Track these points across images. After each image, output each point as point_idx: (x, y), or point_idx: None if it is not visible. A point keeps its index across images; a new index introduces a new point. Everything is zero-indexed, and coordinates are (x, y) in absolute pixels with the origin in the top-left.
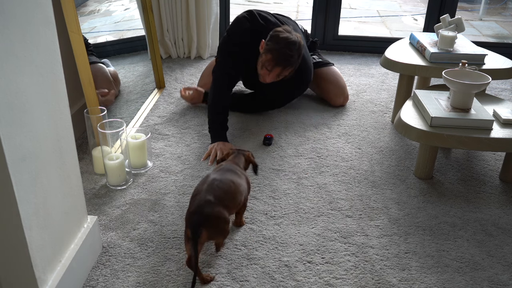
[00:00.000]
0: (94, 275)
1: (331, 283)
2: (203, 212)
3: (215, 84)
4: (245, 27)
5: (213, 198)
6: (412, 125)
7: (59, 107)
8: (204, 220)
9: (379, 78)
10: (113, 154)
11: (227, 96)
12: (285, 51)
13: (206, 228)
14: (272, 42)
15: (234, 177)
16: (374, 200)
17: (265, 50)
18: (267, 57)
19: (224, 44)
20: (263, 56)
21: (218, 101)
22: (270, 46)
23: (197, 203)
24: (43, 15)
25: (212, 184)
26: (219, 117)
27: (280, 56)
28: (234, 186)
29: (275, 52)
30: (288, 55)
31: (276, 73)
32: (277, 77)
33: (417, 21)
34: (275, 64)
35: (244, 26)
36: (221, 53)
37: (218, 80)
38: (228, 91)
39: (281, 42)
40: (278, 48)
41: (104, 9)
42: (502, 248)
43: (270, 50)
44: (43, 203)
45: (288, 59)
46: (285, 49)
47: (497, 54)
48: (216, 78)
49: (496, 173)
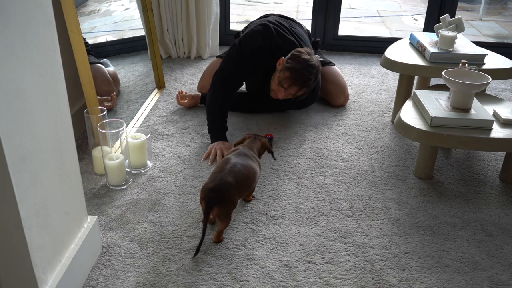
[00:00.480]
0: (94, 275)
1: (331, 283)
2: (221, 191)
3: (214, 88)
4: (258, 44)
5: (234, 181)
6: (412, 125)
7: (59, 107)
8: (220, 199)
9: (379, 78)
10: (113, 154)
11: (225, 100)
12: (304, 72)
13: (219, 207)
14: (293, 61)
15: (252, 164)
16: (374, 200)
17: (284, 67)
18: (285, 74)
19: (232, 52)
20: (281, 73)
21: (216, 105)
22: (290, 65)
23: (219, 181)
24: (43, 15)
25: (235, 166)
26: (217, 119)
27: (299, 77)
28: (252, 172)
29: (295, 71)
30: (306, 76)
31: (291, 92)
32: (290, 95)
33: (417, 21)
34: (292, 83)
35: (257, 42)
36: (227, 60)
37: (217, 84)
38: (226, 95)
39: (302, 63)
40: (299, 68)
41: (104, 9)
42: (502, 248)
43: (290, 68)
44: (43, 203)
45: (306, 81)
46: (305, 71)
47: (497, 54)
48: (215, 82)
49: (496, 173)
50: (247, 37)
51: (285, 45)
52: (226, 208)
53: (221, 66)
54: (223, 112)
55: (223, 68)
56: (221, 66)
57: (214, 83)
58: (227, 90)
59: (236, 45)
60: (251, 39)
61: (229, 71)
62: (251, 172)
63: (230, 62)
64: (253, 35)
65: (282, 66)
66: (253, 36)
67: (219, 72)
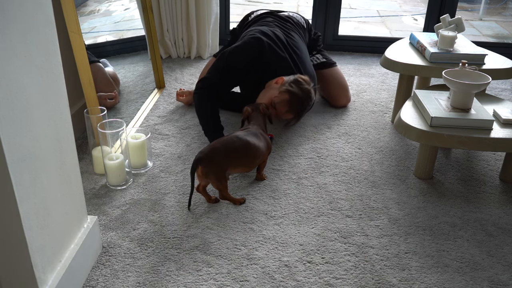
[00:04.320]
0: (94, 275)
1: (331, 283)
2: (207, 153)
3: (197, 96)
4: (247, 60)
5: (223, 148)
6: (412, 125)
7: (59, 107)
8: (203, 159)
9: (379, 78)
10: (113, 154)
11: (210, 107)
12: (303, 102)
13: (202, 166)
14: (296, 87)
15: (254, 140)
16: (374, 200)
17: (285, 90)
18: (284, 96)
19: (219, 63)
20: (279, 94)
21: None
22: (292, 89)
23: (208, 147)
24: (43, 16)
25: (231, 138)
26: (209, 123)
27: (298, 104)
28: (249, 147)
29: (296, 98)
30: (303, 107)
31: (280, 114)
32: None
33: (417, 21)
34: (288, 107)
35: (246, 58)
36: (214, 69)
37: (202, 91)
38: (210, 101)
39: (305, 92)
40: (301, 96)
41: (104, 9)
42: (502, 248)
43: (291, 93)
44: (43, 203)
45: (301, 110)
46: (305, 101)
47: (497, 54)
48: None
49: (496, 173)
50: (238, 50)
51: (277, 62)
52: (209, 167)
53: (207, 75)
54: (213, 116)
55: (209, 77)
56: (207, 74)
57: (197, 89)
58: (210, 98)
59: (224, 56)
60: (241, 53)
61: (212, 82)
62: (246, 145)
63: (216, 73)
64: (244, 51)
65: (282, 87)
66: (243, 52)
67: (204, 80)
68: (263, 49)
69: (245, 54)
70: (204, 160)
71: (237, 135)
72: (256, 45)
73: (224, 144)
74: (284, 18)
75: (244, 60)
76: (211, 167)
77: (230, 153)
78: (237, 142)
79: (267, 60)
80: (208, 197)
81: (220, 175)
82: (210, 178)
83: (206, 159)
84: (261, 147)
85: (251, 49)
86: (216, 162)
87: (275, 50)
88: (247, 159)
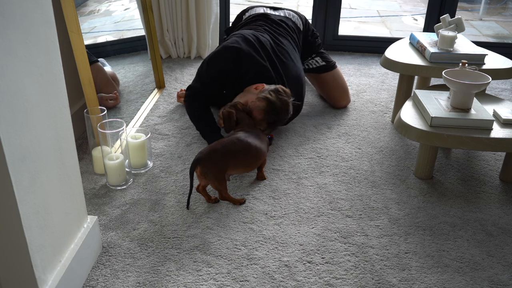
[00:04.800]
0: (94, 275)
1: (331, 283)
2: (206, 154)
3: (187, 103)
4: (226, 68)
5: (223, 149)
6: (412, 125)
7: (59, 107)
8: (201, 159)
9: (379, 78)
10: (113, 154)
11: (201, 112)
12: (280, 113)
13: (200, 166)
14: (275, 96)
15: (255, 141)
16: (374, 200)
17: (263, 97)
18: (261, 103)
19: (200, 71)
20: (255, 100)
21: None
22: (271, 97)
23: (208, 148)
24: (43, 16)
25: (231, 139)
26: (204, 127)
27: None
28: (250, 148)
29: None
30: (279, 118)
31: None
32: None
33: (417, 21)
34: (263, 116)
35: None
36: (196, 77)
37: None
38: (200, 107)
39: (283, 103)
40: (278, 105)
41: (104, 9)
42: (502, 248)
43: (269, 101)
44: (43, 203)
45: (275, 121)
46: (282, 112)
47: (497, 54)
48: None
49: (496, 173)
50: (216, 57)
51: (255, 69)
52: (208, 168)
53: (191, 83)
54: (206, 120)
55: (192, 85)
56: (191, 83)
57: (186, 97)
58: (199, 104)
59: (204, 64)
60: (219, 60)
61: (196, 90)
62: (247, 147)
63: (198, 81)
64: (221, 56)
65: (261, 94)
66: (221, 58)
67: (189, 88)
68: (241, 55)
69: (222, 60)
70: (203, 161)
71: (238, 136)
72: (233, 52)
73: (224, 145)
74: (276, 22)
75: (222, 66)
76: (210, 168)
77: (229, 154)
78: (238, 144)
79: (245, 66)
80: (208, 197)
81: (219, 176)
82: (208, 178)
83: (205, 160)
84: (263, 148)
85: (229, 55)
86: (214, 163)
87: (254, 57)
88: (248, 160)
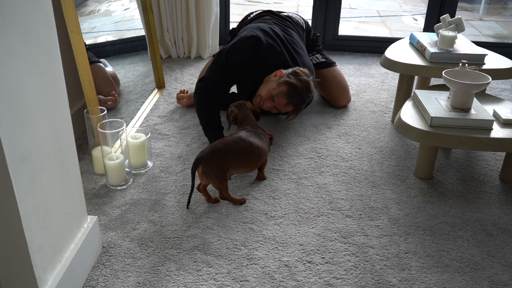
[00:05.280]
0: (94, 275)
1: (331, 283)
2: (207, 153)
3: (197, 95)
4: (245, 57)
5: (225, 148)
6: (412, 125)
7: (59, 107)
8: (203, 159)
9: (379, 78)
10: (113, 154)
11: (210, 106)
12: (301, 93)
13: (202, 165)
14: (294, 78)
15: (257, 141)
16: (374, 200)
17: (283, 81)
18: (282, 88)
19: (218, 61)
20: (277, 86)
21: (203, 112)
22: (290, 80)
23: (210, 147)
24: (43, 16)
25: (233, 139)
26: (209, 123)
27: (296, 95)
28: (251, 148)
29: (294, 88)
30: (302, 98)
31: (279, 106)
32: (275, 110)
33: (417, 21)
34: (288, 100)
35: (244, 54)
36: (213, 67)
37: (201, 90)
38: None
39: (304, 83)
40: (299, 86)
41: (104, 9)
42: (502, 248)
43: (289, 84)
44: (43, 203)
45: (300, 102)
46: (303, 92)
47: (497, 54)
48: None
49: (496, 173)
50: (236, 47)
51: (274, 57)
52: (210, 167)
53: (206, 74)
54: (212, 116)
55: (208, 76)
56: (206, 74)
57: (197, 89)
58: (211, 97)
59: (222, 54)
60: (239, 50)
61: (212, 80)
62: (249, 147)
63: (215, 71)
64: (242, 46)
65: (280, 79)
66: (241, 48)
67: (204, 79)
68: (261, 44)
69: (243, 50)
70: (204, 160)
71: (240, 136)
72: (253, 41)
73: (226, 144)
74: (283, 17)
75: (243, 56)
76: (211, 167)
77: (231, 154)
78: (240, 144)
79: (265, 55)
80: (208, 196)
81: (220, 176)
82: (210, 178)
83: (206, 159)
84: (264, 148)
85: (249, 45)
86: (216, 163)
87: (273, 45)
88: (250, 160)
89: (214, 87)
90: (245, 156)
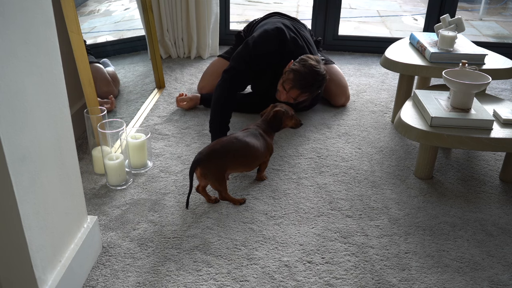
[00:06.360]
0: (94, 275)
1: (331, 283)
2: (206, 154)
3: (222, 86)
4: (272, 47)
5: (222, 150)
6: (412, 125)
7: (59, 107)
8: (201, 160)
9: (379, 78)
10: (113, 154)
11: (231, 100)
12: (307, 77)
13: (200, 167)
14: (299, 65)
15: (253, 141)
16: (374, 200)
17: (290, 69)
18: (289, 76)
19: (244, 52)
20: (285, 75)
21: (221, 103)
22: (295, 67)
23: (207, 148)
24: (43, 16)
25: (230, 139)
26: (220, 118)
27: (302, 80)
28: (248, 148)
29: (299, 74)
30: (309, 81)
31: (292, 95)
32: (291, 99)
33: (417, 21)
34: (293, 85)
35: (271, 45)
36: (238, 58)
37: (226, 83)
38: (233, 95)
39: (308, 68)
40: (303, 71)
41: (104, 9)
42: (502, 248)
43: (294, 71)
44: (43, 203)
45: (308, 86)
46: (309, 75)
47: (497, 54)
48: (224, 80)
49: (496, 173)
50: (261, 38)
51: (297, 50)
52: (208, 168)
53: (232, 64)
54: (226, 114)
55: (234, 66)
56: (231, 64)
57: (223, 81)
58: (234, 90)
59: (249, 45)
60: (266, 41)
61: (238, 70)
62: (245, 147)
63: (241, 62)
64: (268, 37)
65: (288, 68)
66: (267, 39)
67: (229, 69)
68: (286, 37)
69: (271, 42)
70: (202, 161)
71: (237, 136)
72: (279, 34)
73: (223, 145)
74: (290, 17)
75: (271, 47)
76: (210, 169)
77: (229, 154)
78: (237, 144)
79: (288, 50)
80: (208, 197)
81: (218, 176)
82: (208, 179)
83: (204, 161)
84: (260, 148)
85: (275, 38)
86: (214, 164)
87: (295, 39)
88: (247, 160)
89: (240, 77)
90: (242, 156)
